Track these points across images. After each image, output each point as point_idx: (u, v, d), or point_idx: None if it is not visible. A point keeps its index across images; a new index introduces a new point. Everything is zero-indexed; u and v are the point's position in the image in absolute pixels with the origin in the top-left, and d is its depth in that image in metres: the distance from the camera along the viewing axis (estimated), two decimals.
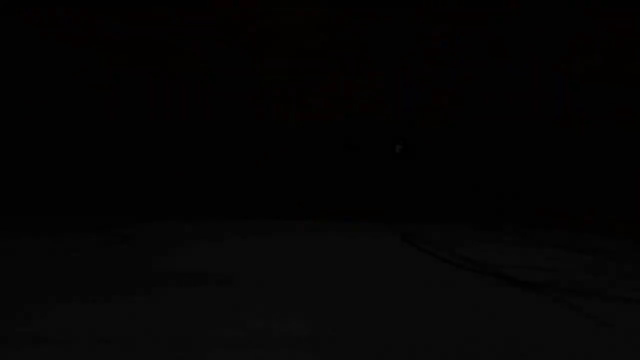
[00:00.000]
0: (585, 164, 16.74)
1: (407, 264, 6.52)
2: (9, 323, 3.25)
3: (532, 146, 18.05)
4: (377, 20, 19.29)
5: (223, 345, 2.86)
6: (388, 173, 18.94)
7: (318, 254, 7.34)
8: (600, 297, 4.54)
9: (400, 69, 19.62)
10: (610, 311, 3.99)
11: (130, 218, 15.06)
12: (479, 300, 4.31)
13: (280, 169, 18.67)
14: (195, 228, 11.92)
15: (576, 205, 16.78)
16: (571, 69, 18.05)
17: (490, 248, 8.80)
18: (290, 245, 8.45)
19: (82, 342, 2.88)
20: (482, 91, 19.28)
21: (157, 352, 2.75)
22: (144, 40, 18.18)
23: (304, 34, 18.95)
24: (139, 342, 2.90)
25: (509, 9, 18.94)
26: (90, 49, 17.98)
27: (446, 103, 20.69)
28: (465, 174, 18.74)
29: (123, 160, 17.72)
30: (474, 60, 19.32)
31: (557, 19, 17.80)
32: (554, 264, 6.82)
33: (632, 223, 13.48)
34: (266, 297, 4.20)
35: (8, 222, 12.72)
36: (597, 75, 16.44)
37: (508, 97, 18.87)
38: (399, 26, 19.39)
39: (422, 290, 4.72)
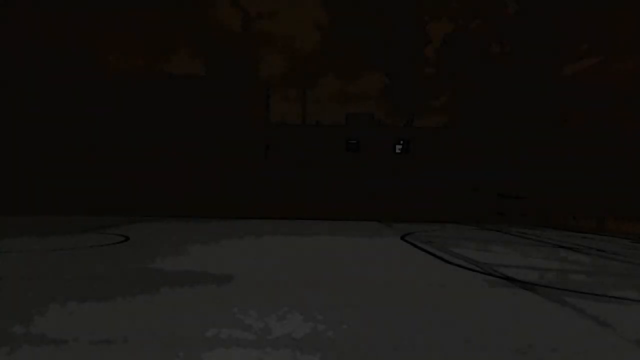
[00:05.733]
0: (585, 165, 16.73)
1: (407, 264, 6.52)
2: (8, 323, 3.25)
3: (532, 147, 18.05)
4: (378, 21, 19.24)
5: (222, 346, 2.86)
6: (388, 173, 18.93)
7: (317, 254, 7.34)
8: (599, 297, 4.54)
9: (400, 69, 19.56)
10: (610, 311, 3.99)
11: (129, 218, 15.05)
12: (478, 300, 4.31)
13: (279, 170, 18.66)
14: (194, 228, 11.91)
15: (576, 206, 16.77)
16: (570, 70, 18.03)
17: (489, 248, 8.80)
18: (289, 245, 8.45)
19: (82, 342, 2.88)
20: (482, 91, 19.26)
21: (156, 352, 2.75)
22: (144, 41, 18.16)
23: (304, 35, 18.95)
24: (139, 342, 2.90)
25: (507, 11, 18.93)
26: (89, 52, 17.97)
27: (446, 103, 20.62)
28: (465, 174, 18.73)
29: (121, 160, 17.71)
30: (474, 61, 19.29)
31: (553, 23, 17.79)
32: (553, 264, 6.82)
33: (631, 223, 13.47)
34: (266, 298, 4.20)
35: (8, 222, 12.71)
36: (595, 76, 16.42)
37: (508, 97, 18.87)
38: (400, 26, 19.35)
39: (422, 290, 4.72)
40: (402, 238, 10.27)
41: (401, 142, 19.10)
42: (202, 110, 18.20)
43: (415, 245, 8.83)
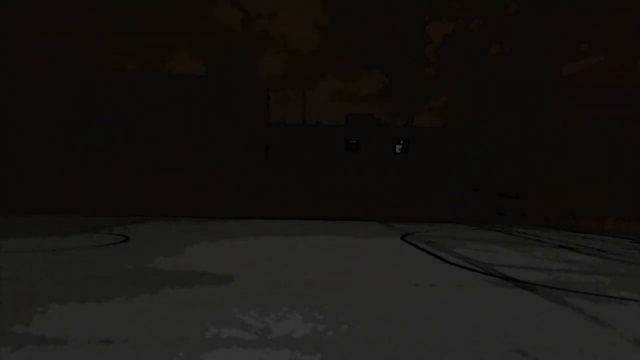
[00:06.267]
0: (585, 165, 16.73)
1: (407, 264, 6.52)
2: (8, 323, 3.25)
3: (532, 147, 18.04)
4: (378, 21, 19.23)
5: (223, 346, 2.86)
6: (388, 173, 18.92)
7: (318, 255, 7.34)
8: (599, 297, 4.54)
9: (400, 69, 19.56)
10: (610, 311, 3.99)
11: (129, 218, 15.05)
12: (478, 301, 4.31)
13: (279, 170, 18.65)
14: (194, 228, 11.91)
15: (576, 206, 16.77)
16: (570, 70, 18.03)
17: (489, 248, 8.80)
18: (289, 245, 8.45)
19: (82, 342, 2.88)
20: (483, 92, 19.25)
21: (157, 352, 2.75)
22: (144, 41, 18.16)
23: (305, 35, 18.95)
24: (139, 342, 2.90)
25: (507, 11, 18.93)
26: (89, 51, 17.96)
27: (446, 103, 20.63)
28: (465, 174, 18.71)
29: (121, 160, 17.70)
30: (474, 61, 19.29)
31: (553, 23, 17.80)
32: (553, 264, 6.82)
33: (631, 223, 13.47)
34: (266, 298, 4.20)
35: (8, 222, 12.71)
36: (595, 76, 16.42)
37: (508, 97, 18.86)
38: (400, 26, 19.34)
39: (422, 290, 4.72)
40: (402, 238, 10.27)
41: (401, 142, 19.09)
42: (202, 110, 18.18)
43: (415, 246, 8.83)
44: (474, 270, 5.98)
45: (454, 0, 19.45)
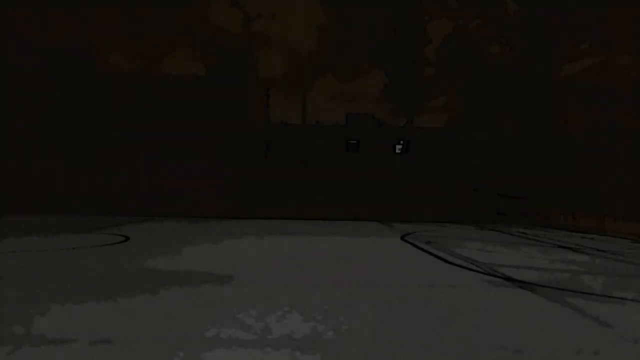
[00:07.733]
0: (585, 165, 16.73)
1: (407, 264, 6.52)
2: (8, 323, 3.25)
3: (532, 147, 18.04)
4: (378, 21, 19.24)
5: (222, 346, 2.86)
6: (388, 173, 18.93)
7: (318, 255, 7.34)
8: (599, 297, 4.54)
9: (400, 69, 19.57)
10: (610, 311, 3.99)
11: (129, 218, 15.05)
12: (479, 301, 4.31)
13: (279, 170, 18.66)
14: (194, 228, 11.91)
15: (576, 206, 16.77)
16: (570, 70, 18.04)
17: (489, 248, 8.80)
18: (290, 246, 8.45)
19: (82, 342, 2.88)
20: (482, 91, 19.26)
21: (157, 352, 2.75)
22: (143, 41, 18.15)
23: (304, 35, 18.96)
24: (139, 342, 2.90)
25: (507, 11, 18.94)
26: (88, 52, 17.95)
27: (446, 103, 20.64)
28: (465, 174, 18.72)
29: (121, 161, 17.70)
30: (474, 61, 19.28)
31: (553, 23, 17.80)
32: (553, 264, 6.82)
33: (631, 223, 13.47)
34: (266, 298, 4.20)
35: (9, 221, 12.71)
36: (595, 76, 16.42)
37: (508, 97, 18.86)
38: (400, 26, 19.35)
39: (422, 290, 4.72)
40: (402, 238, 10.26)
41: (401, 142, 19.09)
42: (202, 110, 18.19)
43: (415, 246, 8.83)
44: (473, 270, 5.98)
45: (454, 0, 19.44)
